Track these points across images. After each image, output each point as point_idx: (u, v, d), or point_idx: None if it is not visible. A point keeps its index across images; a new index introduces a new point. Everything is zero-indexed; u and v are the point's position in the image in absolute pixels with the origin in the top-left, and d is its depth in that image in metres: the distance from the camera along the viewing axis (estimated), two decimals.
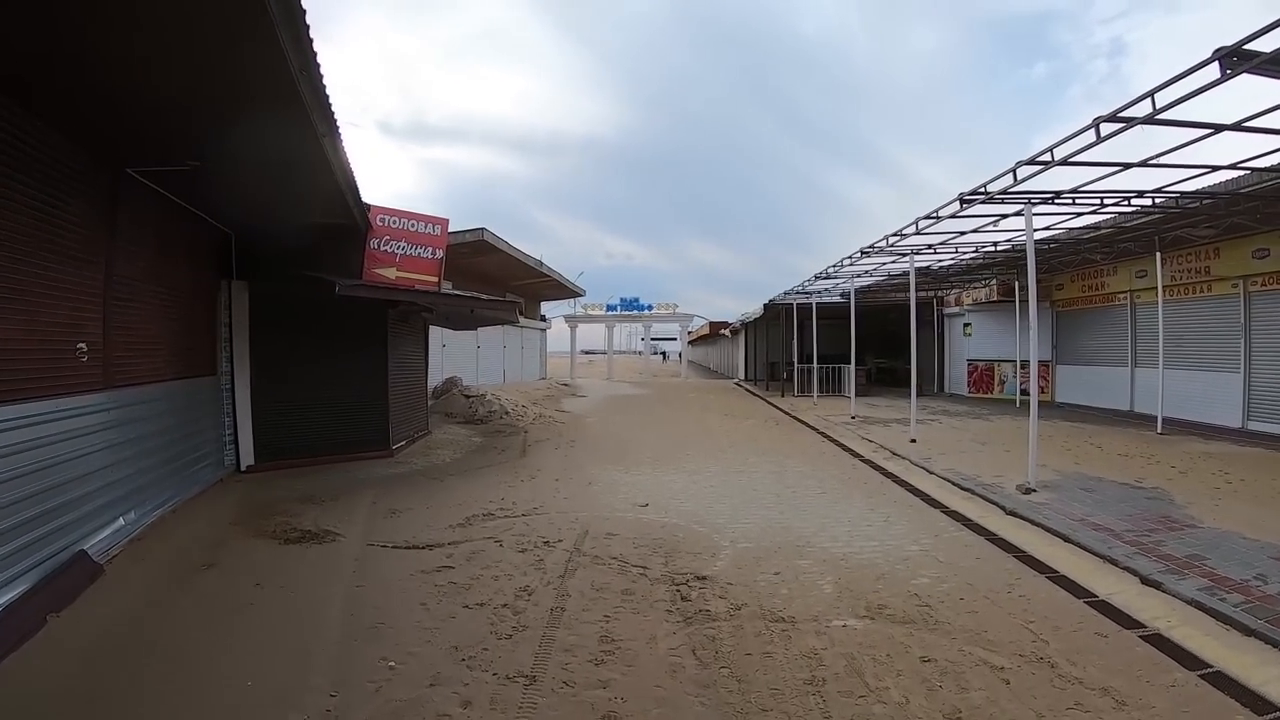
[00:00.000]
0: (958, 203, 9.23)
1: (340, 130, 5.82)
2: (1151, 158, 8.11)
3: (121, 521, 6.64)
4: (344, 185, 7.18)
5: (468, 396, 16.90)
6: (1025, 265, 17.82)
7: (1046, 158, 7.36)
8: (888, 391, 24.70)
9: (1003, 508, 7.68)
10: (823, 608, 4.88)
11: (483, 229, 17.38)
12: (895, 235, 11.60)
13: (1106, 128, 6.45)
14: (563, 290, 32.82)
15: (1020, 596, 5.16)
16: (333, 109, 5.31)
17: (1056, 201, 9.76)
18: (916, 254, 13.40)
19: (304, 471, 9.80)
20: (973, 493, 8.47)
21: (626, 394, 27.13)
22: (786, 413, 18.87)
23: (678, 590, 5.15)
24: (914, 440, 12.47)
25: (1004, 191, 8.61)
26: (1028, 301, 19.62)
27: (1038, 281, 19.98)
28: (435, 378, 19.81)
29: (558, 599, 4.96)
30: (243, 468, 9.84)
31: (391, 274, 10.35)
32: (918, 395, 23.28)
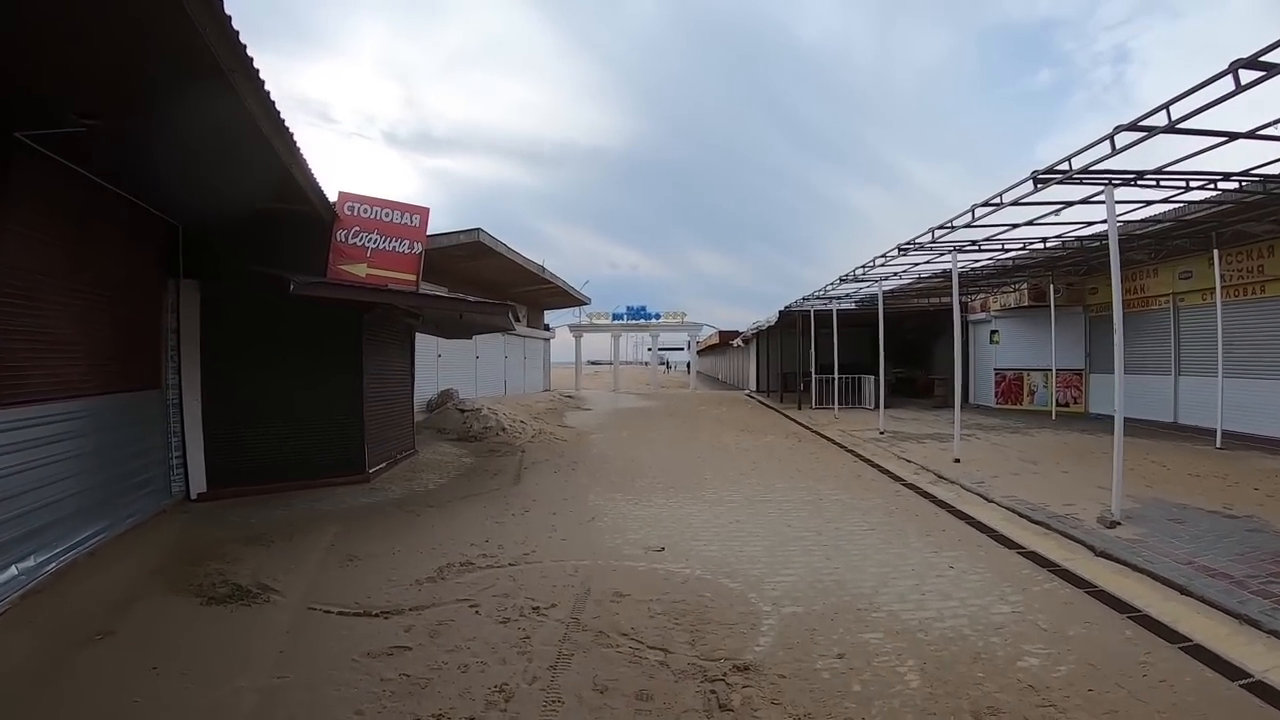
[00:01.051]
0: (1031, 183, 7.83)
1: (260, 73, 4.46)
2: (1262, 126, 6.76)
3: (15, 570, 5.34)
4: (282, 152, 5.80)
5: (462, 411, 15.55)
6: (1064, 265, 16.73)
7: (1159, 120, 5.93)
8: (908, 403, 23.39)
9: (1091, 547, 6.32)
10: (914, 716, 3.49)
11: (478, 229, 16.06)
12: (943, 227, 10.20)
13: (1246, 75, 5.06)
14: (567, 298, 31.51)
15: (1160, 681, 3.83)
16: (240, 38, 3.94)
17: (1139, 183, 8.34)
18: (960, 250, 12.01)
19: (263, 500, 8.45)
20: (1048, 527, 7.11)
21: (634, 407, 25.75)
22: (807, 427, 17.48)
23: (712, 690, 3.72)
24: (958, 460, 11.07)
25: (1086, 170, 7.24)
26: (1070, 305, 18.64)
27: (1069, 285, 18.84)
28: (429, 390, 18.55)
29: (546, 709, 3.53)
30: (193, 495, 8.49)
31: (361, 271, 8.98)
32: (943, 407, 22.20)
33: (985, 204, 8.97)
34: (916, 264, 14.37)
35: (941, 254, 12.73)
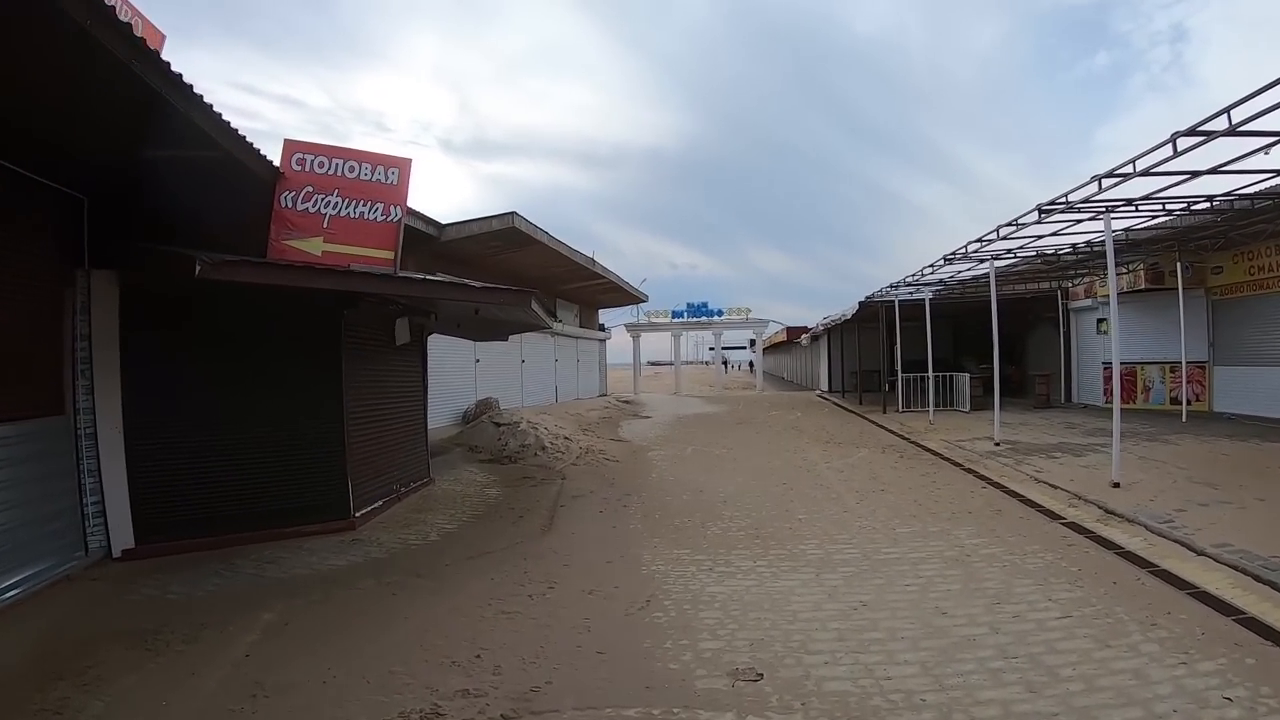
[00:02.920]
0: None
1: None
2: None
3: None
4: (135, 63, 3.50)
5: (498, 425, 13.28)
6: (1199, 237, 13.71)
7: None
8: (1004, 403, 20.43)
9: None
10: None
11: (512, 213, 13.80)
12: (1113, 174, 7.51)
13: None
14: (623, 295, 29.12)
15: None
16: None
17: None
18: (1113, 212, 9.25)
19: (204, 560, 6.27)
20: None
21: (697, 413, 23.24)
22: (903, 437, 14.79)
23: None
24: (1117, 484, 8.42)
25: None
26: (1191, 288, 15.13)
27: (1191, 265, 15.83)
28: (465, 400, 16.54)
29: None
30: (116, 552, 6.35)
31: (315, 248, 6.66)
32: (1045, 407, 19.20)
33: (1194, 131, 6.31)
34: (1040, 236, 11.64)
35: (1079, 220, 10.04)
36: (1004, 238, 10.69)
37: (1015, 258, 13.68)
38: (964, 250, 12.23)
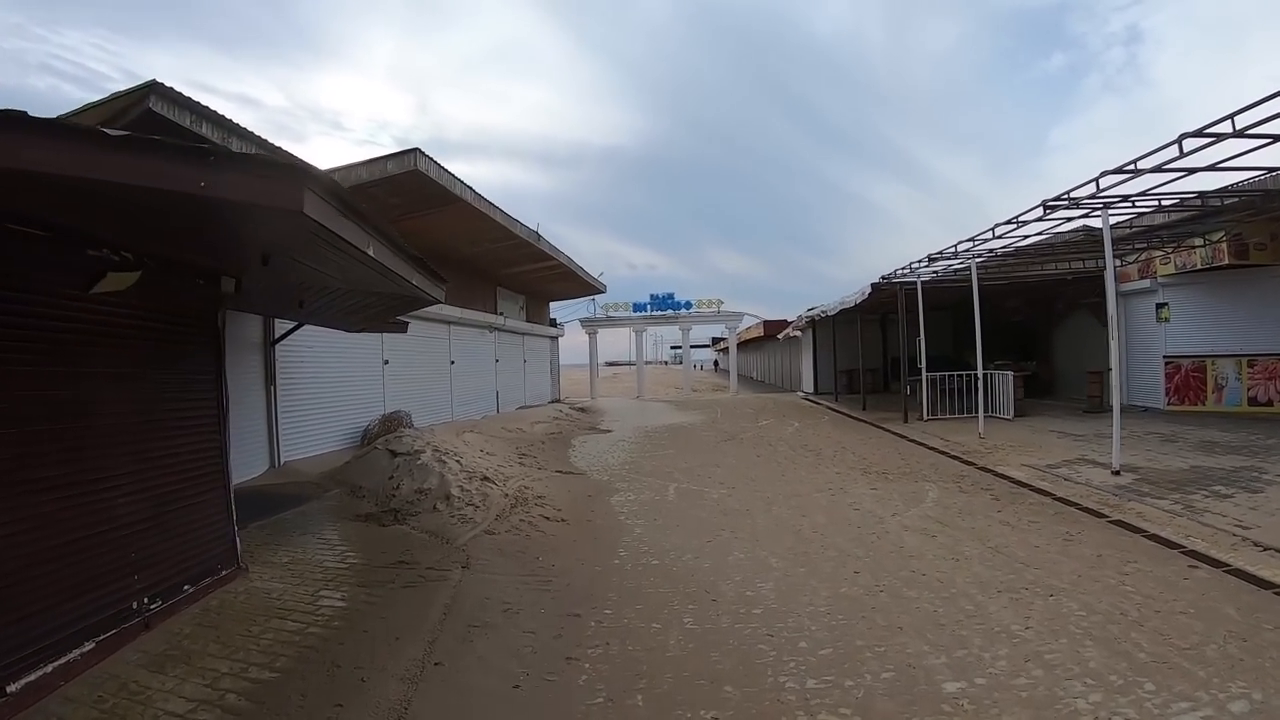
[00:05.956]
0: None
1: None
2: None
3: None
4: None
5: (394, 455, 9.04)
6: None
7: None
8: (1042, 406, 17.32)
9: None
10: None
11: (415, 150, 9.60)
12: None
13: None
14: (577, 285, 24.82)
15: None
16: None
17: None
18: None
19: None
20: None
21: (670, 423, 18.98)
22: (958, 458, 10.77)
23: None
24: None
25: None
26: (1274, 263, 11.77)
27: (1274, 237, 12.15)
28: (371, 414, 12.41)
29: None
30: None
31: None
32: (1095, 411, 15.60)
33: None
34: (1177, 175, 7.81)
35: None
36: (1160, 167, 6.61)
37: (1132, 207, 9.77)
38: (1067, 197, 8.16)
